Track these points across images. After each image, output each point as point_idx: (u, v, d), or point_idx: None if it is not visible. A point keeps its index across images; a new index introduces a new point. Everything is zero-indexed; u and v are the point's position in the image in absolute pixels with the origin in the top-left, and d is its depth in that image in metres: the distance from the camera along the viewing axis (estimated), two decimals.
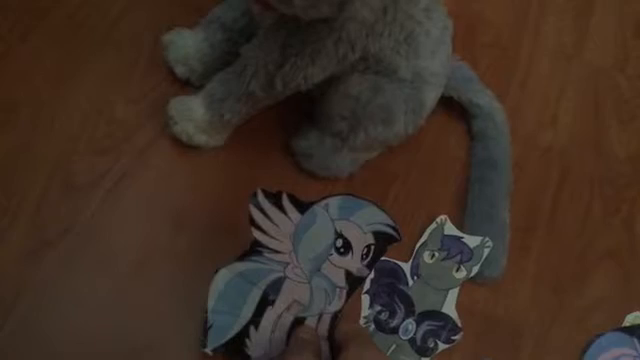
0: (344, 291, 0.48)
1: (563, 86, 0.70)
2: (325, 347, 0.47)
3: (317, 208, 0.48)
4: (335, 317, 0.48)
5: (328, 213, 0.48)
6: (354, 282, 0.49)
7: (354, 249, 0.49)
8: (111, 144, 0.56)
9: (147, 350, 0.49)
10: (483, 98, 0.63)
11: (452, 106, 0.63)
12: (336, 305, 0.48)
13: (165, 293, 0.51)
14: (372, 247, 0.49)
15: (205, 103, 0.54)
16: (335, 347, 0.46)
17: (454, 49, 0.58)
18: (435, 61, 0.54)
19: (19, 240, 0.51)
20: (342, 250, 0.48)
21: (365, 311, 0.53)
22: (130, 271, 0.51)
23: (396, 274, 0.55)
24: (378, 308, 0.53)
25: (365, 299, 0.54)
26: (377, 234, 0.50)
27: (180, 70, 0.58)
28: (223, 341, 0.47)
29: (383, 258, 0.55)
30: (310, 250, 0.48)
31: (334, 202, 0.49)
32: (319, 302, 0.48)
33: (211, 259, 0.50)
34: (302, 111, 0.59)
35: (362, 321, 0.53)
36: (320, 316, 0.48)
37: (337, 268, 0.48)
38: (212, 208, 0.55)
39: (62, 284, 0.50)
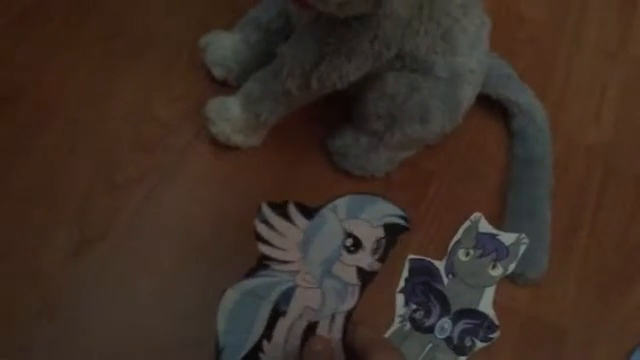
0: (357, 288, 0.47)
1: (606, 82, 0.68)
2: (339, 352, 0.46)
3: (325, 211, 0.47)
4: (349, 315, 0.46)
5: (336, 214, 0.47)
6: (366, 277, 0.47)
7: (364, 245, 0.47)
8: (151, 145, 0.57)
9: (183, 350, 0.50)
10: (522, 96, 0.62)
11: (491, 104, 0.63)
12: (349, 303, 0.46)
13: (203, 293, 0.51)
14: (382, 240, 0.48)
15: (242, 103, 0.54)
16: (355, 354, 0.44)
17: (492, 46, 0.57)
18: (472, 58, 0.53)
19: (62, 239, 0.52)
20: (352, 249, 0.47)
21: (400, 310, 0.53)
22: (169, 271, 0.52)
23: (431, 272, 0.55)
24: (413, 307, 0.53)
25: (400, 298, 0.53)
26: (387, 226, 0.48)
27: (218, 71, 0.59)
28: (237, 359, 0.45)
29: (417, 257, 0.55)
30: (320, 254, 0.46)
31: (342, 203, 0.47)
32: (331, 303, 0.46)
33: (250, 259, 0.50)
34: (339, 110, 0.59)
35: (397, 320, 0.52)
36: (333, 316, 0.46)
37: (348, 266, 0.47)
38: (250, 208, 0.55)
39: (103, 283, 0.51)
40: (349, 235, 0.47)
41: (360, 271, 0.47)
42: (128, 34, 0.62)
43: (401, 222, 0.49)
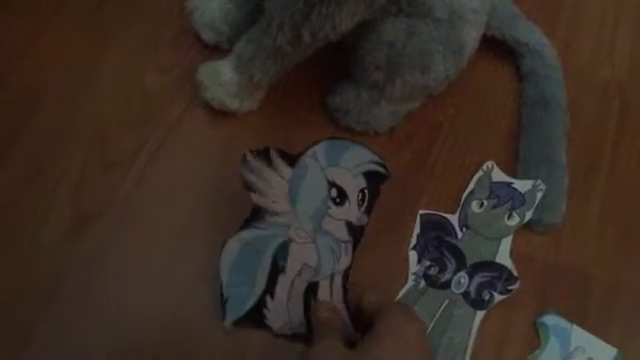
0: (349, 245, 0.48)
1: (618, 15, 0.65)
2: (344, 313, 0.46)
3: (306, 159, 0.47)
4: (347, 275, 0.47)
5: (317, 162, 0.48)
6: (357, 233, 0.48)
7: (350, 197, 0.48)
8: (145, 117, 0.56)
9: (191, 320, 0.48)
10: (530, 35, 0.59)
11: (497, 46, 0.60)
12: (345, 262, 0.47)
13: (207, 262, 0.50)
14: (365, 191, 0.48)
15: (233, 65, 0.52)
16: (363, 320, 0.44)
17: None
18: None
19: (60, 220, 0.51)
20: (338, 200, 0.48)
21: (413, 267, 0.51)
22: (171, 243, 0.51)
23: (443, 227, 0.53)
24: (427, 263, 0.51)
25: (413, 255, 0.52)
26: (367, 175, 0.49)
27: (207, 35, 0.57)
28: (242, 313, 0.46)
29: (428, 211, 0.53)
30: (308, 206, 0.47)
31: (320, 148, 0.48)
32: (328, 262, 0.47)
33: None
34: (337, 68, 0.56)
35: (411, 278, 0.51)
36: (332, 277, 0.47)
37: (337, 221, 0.48)
38: None
39: (105, 260, 0.50)
40: (333, 185, 0.48)
41: (350, 226, 0.48)
42: (111, 5, 0.60)
43: (380, 169, 0.49)
